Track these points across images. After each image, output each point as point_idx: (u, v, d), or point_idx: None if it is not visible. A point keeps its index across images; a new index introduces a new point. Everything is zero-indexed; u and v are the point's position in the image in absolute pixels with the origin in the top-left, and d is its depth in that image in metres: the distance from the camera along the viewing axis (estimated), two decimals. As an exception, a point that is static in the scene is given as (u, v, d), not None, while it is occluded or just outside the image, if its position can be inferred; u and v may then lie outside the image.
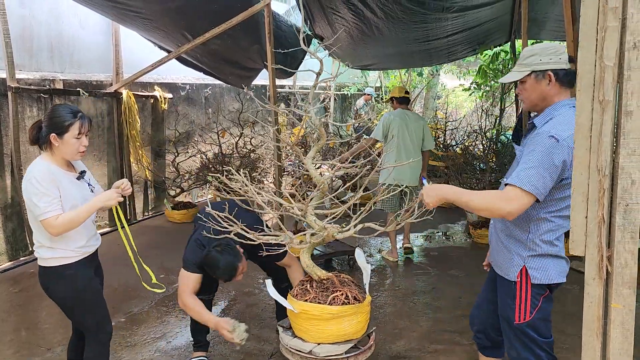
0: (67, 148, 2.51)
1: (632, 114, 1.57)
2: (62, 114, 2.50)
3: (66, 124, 2.48)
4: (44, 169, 2.45)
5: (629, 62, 1.55)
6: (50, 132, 2.48)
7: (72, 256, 2.58)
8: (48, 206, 2.40)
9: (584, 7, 1.59)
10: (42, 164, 2.49)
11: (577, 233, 1.69)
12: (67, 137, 2.49)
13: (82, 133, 2.52)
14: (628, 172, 1.59)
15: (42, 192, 2.40)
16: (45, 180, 2.41)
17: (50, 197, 2.41)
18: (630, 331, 1.65)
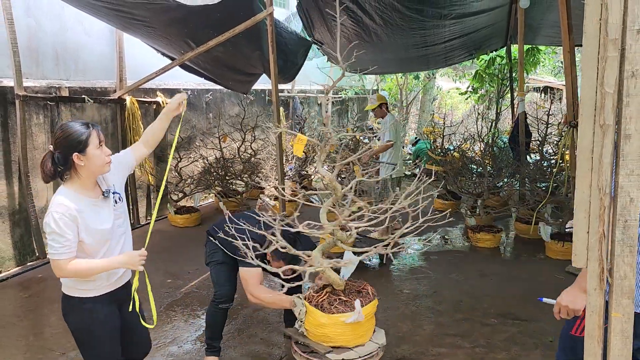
0: (94, 162, 2.33)
1: (630, 137, 1.69)
2: (75, 129, 2.30)
3: (84, 137, 2.30)
4: (63, 206, 2.26)
5: (627, 89, 1.67)
6: (72, 153, 2.28)
7: (91, 289, 2.43)
8: (60, 248, 2.25)
9: (585, 38, 1.71)
10: (65, 197, 2.30)
11: (580, 247, 1.81)
12: (90, 150, 2.30)
13: (101, 141, 2.36)
14: (627, 190, 1.71)
15: (57, 232, 2.24)
16: (62, 219, 2.24)
17: (64, 238, 2.25)
18: (629, 338, 1.78)
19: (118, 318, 2.54)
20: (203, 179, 7.59)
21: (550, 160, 6.83)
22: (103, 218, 2.40)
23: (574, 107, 4.87)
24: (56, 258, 2.27)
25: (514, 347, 3.75)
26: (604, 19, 1.67)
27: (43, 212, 5.87)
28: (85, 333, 2.46)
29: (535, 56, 10.25)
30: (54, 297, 4.78)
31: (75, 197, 2.32)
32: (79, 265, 2.30)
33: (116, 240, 2.48)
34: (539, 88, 19.50)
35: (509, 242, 6.58)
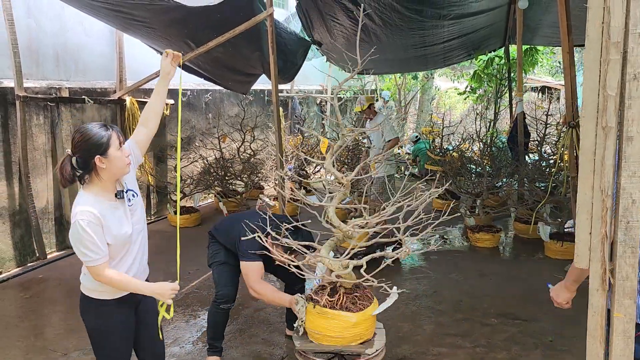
0: (115, 164, 2.29)
1: (632, 139, 1.70)
2: (95, 132, 2.26)
3: (105, 139, 2.26)
4: (87, 212, 2.23)
5: (629, 92, 1.69)
6: (93, 156, 2.24)
7: (110, 291, 2.41)
8: (95, 254, 2.24)
9: (588, 41, 1.73)
10: (86, 203, 2.26)
11: (582, 248, 1.83)
12: (112, 152, 2.26)
13: (121, 142, 2.33)
14: (629, 192, 1.73)
15: (88, 240, 2.22)
16: (90, 225, 2.21)
17: (95, 245, 2.23)
18: (631, 338, 1.79)
19: (134, 322, 2.54)
20: (203, 179, 7.60)
21: (549, 160, 6.86)
22: (123, 221, 2.38)
23: (572, 108, 4.89)
24: (92, 265, 2.26)
25: (514, 346, 3.77)
26: (606, 22, 1.68)
27: (43, 212, 5.88)
28: (101, 334, 2.47)
29: (533, 56, 10.30)
30: (54, 297, 4.79)
31: (96, 202, 2.29)
32: (115, 276, 2.31)
33: (133, 241, 2.46)
34: (537, 88, 19.55)
35: (508, 242, 6.60)
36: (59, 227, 6.10)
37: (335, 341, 2.76)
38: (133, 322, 2.53)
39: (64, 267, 5.60)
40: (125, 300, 2.45)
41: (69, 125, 6.10)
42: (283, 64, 7.07)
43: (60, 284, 5.10)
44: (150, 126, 2.65)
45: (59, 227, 6.11)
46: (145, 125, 2.65)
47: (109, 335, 2.46)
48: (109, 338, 2.47)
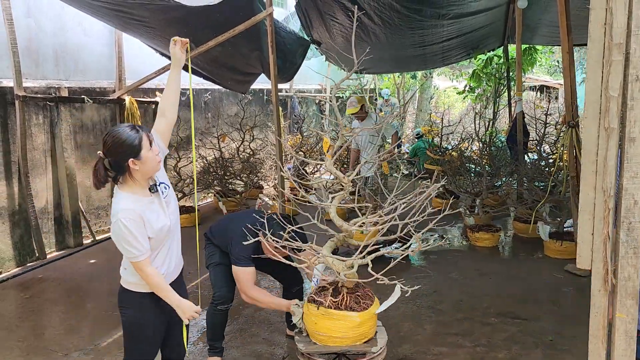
0: (147, 165, 2.36)
1: (635, 140, 1.71)
2: (126, 135, 2.31)
3: (136, 142, 2.31)
4: (129, 210, 2.31)
5: (632, 93, 1.70)
6: (127, 159, 2.30)
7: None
8: (137, 251, 2.32)
9: (590, 42, 1.73)
10: (126, 201, 2.34)
11: (584, 249, 1.83)
12: (144, 153, 2.33)
13: (151, 142, 2.38)
14: (631, 193, 1.74)
15: (131, 236, 2.29)
16: (132, 223, 2.29)
17: (138, 241, 2.31)
18: (633, 339, 1.80)
19: (166, 319, 2.60)
20: (202, 178, 7.60)
21: (548, 160, 6.87)
22: (160, 214, 2.45)
23: (572, 108, 4.90)
24: (136, 260, 2.34)
25: (514, 346, 3.78)
26: (608, 24, 1.69)
27: (43, 212, 5.87)
28: (138, 327, 2.54)
29: (532, 55, 10.30)
30: (54, 297, 4.79)
31: (135, 199, 2.36)
32: (154, 276, 2.40)
33: (171, 232, 2.53)
34: (535, 87, 19.57)
35: (508, 242, 6.61)
36: (58, 226, 6.10)
37: (341, 341, 2.76)
38: (166, 320, 2.61)
39: (64, 266, 5.60)
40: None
41: (68, 125, 6.10)
42: (282, 64, 7.07)
43: (60, 284, 5.09)
44: (169, 116, 2.67)
45: (59, 227, 6.10)
46: (163, 116, 2.67)
47: (145, 328, 2.54)
48: (145, 331, 2.55)
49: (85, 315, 4.38)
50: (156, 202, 2.45)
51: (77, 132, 6.33)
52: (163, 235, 2.45)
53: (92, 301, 4.68)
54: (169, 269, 2.55)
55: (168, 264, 2.54)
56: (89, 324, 4.21)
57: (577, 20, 5.30)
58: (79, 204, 6.28)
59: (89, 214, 6.54)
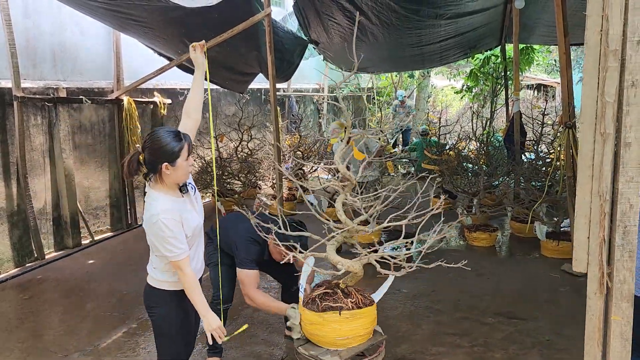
0: (179, 173, 2.40)
1: (630, 145, 1.73)
2: (168, 140, 2.35)
3: (176, 149, 2.35)
4: (168, 210, 2.36)
5: (627, 98, 1.72)
6: (162, 162, 2.34)
7: (179, 282, 2.50)
8: (178, 250, 2.37)
9: (587, 49, 1.76)
10: (164, 201, 2.39)
11: (580, 252, 1.86)
12: (179, 162, 2.37)
13: (190, 153, 2.42)
14: (627, 197, 1.76)
15: (172, 236, 2.34)
16: (171, 222, 2.35)
17: (178, 240, 2.37)
18: (628, 341, 1.83)
19: (193, 318, 2.66)
20: (200, 178, 7.60)
21: (545, 160, 6.89)
22: (193, 212, 2.52)
23: (569, 108, 4.92)
24: (178, 259, 2.38)
25: (511, 346, 3.81)
26: (604, 30, 1.71)
27: (41, 213, 5.88)
28: (170, 324, 2.57)
29: (529, 55, 10.33)
30: (53, 298, 4.80)
31: (170, 199, 2.42)
32: (191, 278, 2.44)
33: (201, 232, 2.63)
34: (532, 85, 19.61)
35: (505, 241, 6.64)
36: (57, 227, 6.10)
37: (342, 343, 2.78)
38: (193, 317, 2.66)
39: (63, 267, 5.61)
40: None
41: (66, 126, 6.10)
42: (280, 63, 7.09)
43: (59, 285, 5.10)
44: (193, 116, 2.73)
45: (57, 228, 6.11)
46: (188, 117, 2.73)
47: (178, 325, 2.58)
48: (177, 328, 2.59)
49: (84, 316, 4.39)
50: (188, 202, 2.52)
51: (76, 133, 6.33)
52: (197, 233, 2.53)
53: (91, 302, 4.69)
54: (197, 267, 2.61)
55: (196, 262, 2.61)
56: (88, 325, 4.23)
57: (573, 20, 5.33)
58: (78, 205, 6.28)
59: (87, 214, 6.55)
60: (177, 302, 2.55)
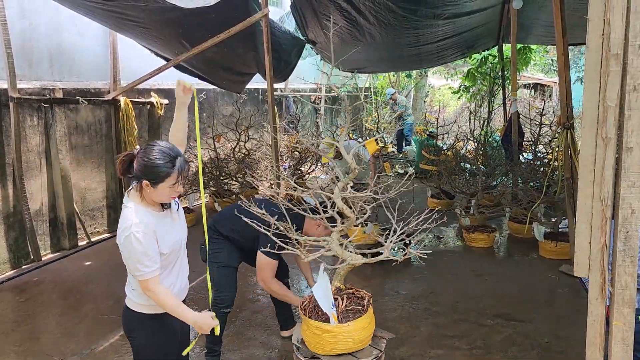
0: (158, 195, 2.27)
1: (632, 150, 1.72)
2: (160, 162, 2.21)
3: (163, 174, 2.21)
4: (142, 224, 2.21)
5: (629, 103, 1.71)
6: (143, 179, 2.22)
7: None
8: (148, 268, 2.21)
9: (588, 53, 1.74)
10: (140, 214, 2.25)
11: (581, 257, 1.84)
12: (161, 187, 2.24)
13: (177, 182, 2.27)
14: (628, 202, 1.75)
15: (143, 252, 2.19)
16: (145, 237, 2.20)
17: (149, 257, 2.21)
18: (630, 346, 1.81)
19: (178, 341, 2.50)
20: (197, 179, 7.57)
21: (543, 160, 6.89)
22: (172, 227, 2.38)
23: (567, 109, 4.92)
24: (147, 277, 2.21)
25: (510, 348, 3.80)
26: (606, 34, 1.70)
27: (37, 214, 5.85)
28: (154, 349, 2.40)
29: (526, 55, 10.32)
30: (50, 300, 4.77)
31: (146, 212, 2.27)
32: (163, 294, 2.25)
33: (183, 252, 2.47)
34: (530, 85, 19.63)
35: (503, 242, 6.63)
36: (53, 228, 6.07)
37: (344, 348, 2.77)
38: (178, 340, 2.49)
39: (59, 269, 5.58)
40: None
41: (63, 126, 6.07)
42: (277, 63, 7.06)
43: (55, 287, 5.08)
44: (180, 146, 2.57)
45: (54, 229, 6.08)
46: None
47: (164, 347, 2.42)
48: (164, 350, 2.42)
49: (81, 319, 4.37)
50: (169, 217, 2.38)
51: (72, 134, 6.30)
52: (176, 250, 2.38)
53: (88, 304, 4.67)
54: (181, 286, 2.47)
55: (180, 280, 2.46)
56: (85, 328, 4.20)
57: (571, 20, 5.32)
58: (74, 206, 6.25)
59: (84, 215, 6.52)
60: (159, 326, 2.38)
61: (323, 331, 2.72)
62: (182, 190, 2.34)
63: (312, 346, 2.80)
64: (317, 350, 2.78)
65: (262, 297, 4.80)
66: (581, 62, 15.60)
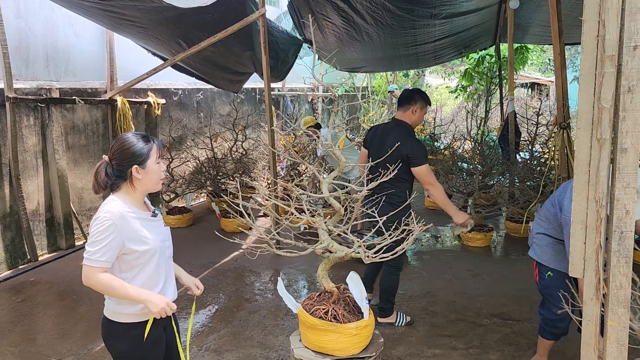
0: (150, 177, 2.27)
1: (626, 151, 1.73)
2: (135, 141, 2.24)
3: (145, 150, 2.24)
4: (116, 213, 2.16)
5: (624, 104, 1.71)
6: (132, 165, 2.21)
7: (139, 313, 2.27)
8: (95, 254, 2.12)
9: (583, 54, 1.75)
10: (117, 205, 2.20)
11: (577, 257, 1.85)
12: (150, 164, 2.25)
13: (160, 156, 2.31)
14: (623, 203, 1.76)
15: (98, 237, 2.12)
16: (111, 226, 2.13)
17: (102, 245, 2.13)
18: (624, 346, 1.82)
19: (162, 348, 2.42)
20: (195, 179, 7.58)
21: (539, 159, 6.91)
22: (153, 231, 2.30)
23: (563, 109, 4.93)
24: (88, 264, 2.13)
25: (507, 347, 3.81)
26: (601, 36, 1.70)
27: (34, 214, 5.84)
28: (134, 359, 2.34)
29: (523, 54, 10.35)
30: (47, 301, 4.77)
31: (129, 206, 2.24)
32: (105, 280, 2.15)
33: (165, 261, 2.35)
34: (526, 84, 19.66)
35: (500, 241, 6.64)
36: (50, 228, 6.06)
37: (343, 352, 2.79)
38: (164, 341, 2.41)
39: (56, 269, 5.57)
40: (155, 320, 2.30)
41: (59, 126, 6.06)
42: (274, 63, 7.06)
43: (52, 287, 5.07)
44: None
45: (50, 229, 6.07)
46: None
47: (144, 357, 2.34)
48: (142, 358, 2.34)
49: (78, 319, 4.36)
50: (151, 221, 2.33)
51: (69, 134, 6.29)
52: (148, 247, 2.25)
53: (85, 304, 4.66)
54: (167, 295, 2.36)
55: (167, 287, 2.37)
56: (82, 328, 4.20)
57: (567, 20, 5.34)
58: (71, 206, 6.24)
59: (80, 215, 6.51)
60: (140, 335, 2.28)
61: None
62: (165, 168, 2.35)
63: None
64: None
65: (259, 297, 4.81)
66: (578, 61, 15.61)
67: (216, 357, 3.70)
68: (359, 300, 2.86)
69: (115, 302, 2.27)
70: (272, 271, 5.49)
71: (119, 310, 2.27)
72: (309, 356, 2.82)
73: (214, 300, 4.72)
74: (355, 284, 2.91)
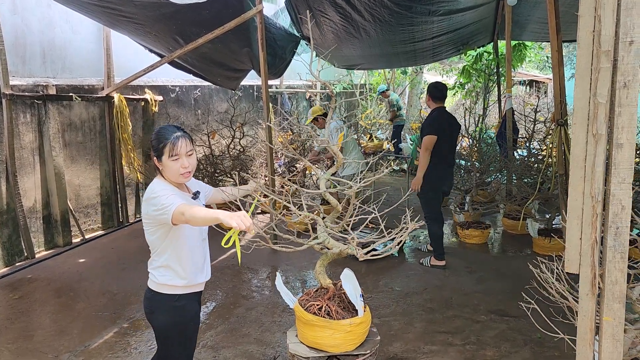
0: (167, 170, 2.39)
1: (622, 146, 1.73)
2: (155, 137, 2.40)
3: (160, 146, 2.36)
4: (161, 185, 2.38)
5: (619, 99, 1.71)
6: (154, 156, 2.41)
7: (182, 285, 2.45)
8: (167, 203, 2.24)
9: (579, 49, 1.74)
10: (159, 183, 2.41)
11: (572, 253, 1.85)
12: (164, 159, 2.36)
13: (176, 155, 2.35)
14: (619, 198, 1.76)
15: (161, 195, 2.29)
16: (164, 189, 2.34)
17: (167, 196, 2.28)
18: (620, 342, 1.82)
19: (199, 320, 2.63)
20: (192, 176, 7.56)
21: (537, 156, 6.91)
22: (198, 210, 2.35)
23: (561, 106, 4.93)
24: (172, 210, 2.23)
25: (503, 343, 3.82)
26: (597, 31, 1.70)
27: (31, 211, 5.83)
28: (176, 330, 2.50)
29: (521, 51, 10.34)
30: (44, 298, 4.76)
31: (173, 188, 2.42)
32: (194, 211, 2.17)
33: (200, 242, 2.55)
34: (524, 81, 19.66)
35: (497, 238, 6.65)
36: (47, 226, 6.05)
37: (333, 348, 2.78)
38: (199, 320, 2.62)
39: (53, 266, 5.56)
40: (194, 295, 2.54)
41: (56, 123, 6.04)
42: (272, 60, 7.05)
43: (49, 284, 5.06)
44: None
45: (47, 226, 6.06)
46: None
47: (187, 328, 2.52)
48: (186, 331, 2.53)
49: (75, 316, 4.36)
50: (190, 200, 2.48)
51: (66, 130, 6.27)
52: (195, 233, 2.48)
53: (82, 301, 4.66)
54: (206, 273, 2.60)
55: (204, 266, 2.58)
56: (79, 325, 4.19)
57: (565, 17, 5.33)
58: (68, 203, 6.23)
59: (78, 212, 6.50)
60: (183, 306, 2.47)
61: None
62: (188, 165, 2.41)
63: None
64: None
65: (256, 293, 4.81)
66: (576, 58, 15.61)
67: (213, 353, 3.70)
68: (352, 297, 2.86)
69: (161, 273, 2.44)
70: (270, 268, 5.49)
71: (164, 282, 2.44)
72: (303, 351, 2.82)
73: (211, 297, 4.71)
74: (349, 281, 2.91)
